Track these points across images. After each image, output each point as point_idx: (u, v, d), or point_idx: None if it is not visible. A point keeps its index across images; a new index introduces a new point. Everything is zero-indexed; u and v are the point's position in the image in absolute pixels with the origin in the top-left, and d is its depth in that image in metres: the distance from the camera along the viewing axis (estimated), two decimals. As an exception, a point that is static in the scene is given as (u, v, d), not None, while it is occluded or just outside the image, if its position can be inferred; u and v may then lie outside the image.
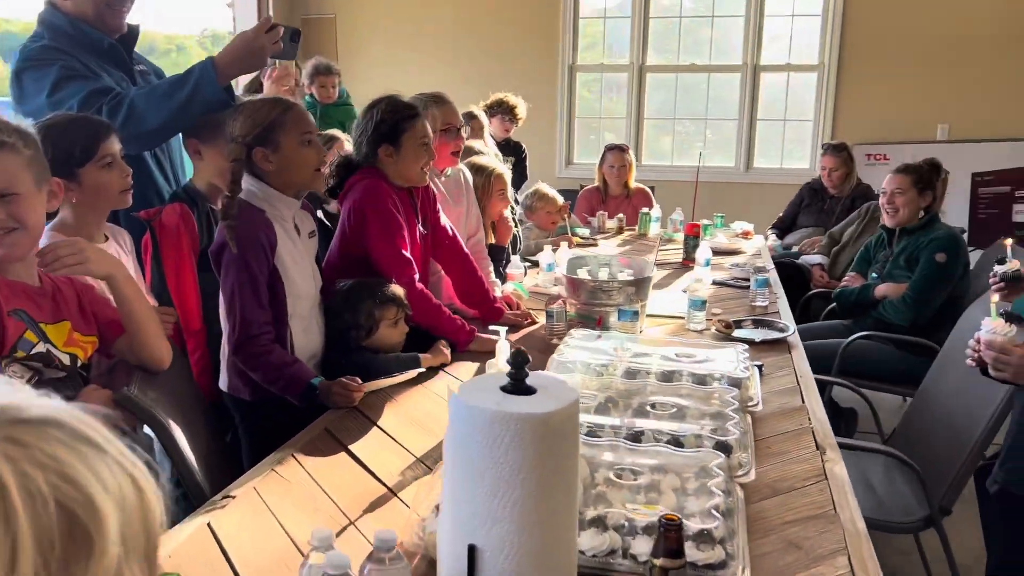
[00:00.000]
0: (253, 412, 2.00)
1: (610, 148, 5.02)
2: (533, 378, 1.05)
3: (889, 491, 2.24)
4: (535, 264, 3.40)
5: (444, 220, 2.55)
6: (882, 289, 3.21)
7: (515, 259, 3.14)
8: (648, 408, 1.66)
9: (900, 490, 2.23)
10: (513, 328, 2.55)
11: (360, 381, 1.90)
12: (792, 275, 3.98)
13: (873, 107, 6.12)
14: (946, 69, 5.93)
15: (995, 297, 1.72)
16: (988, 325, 1.70)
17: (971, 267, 3.35)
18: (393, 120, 2.30)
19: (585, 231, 4.32)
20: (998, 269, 2.28)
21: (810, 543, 1.31)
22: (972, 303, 2.48)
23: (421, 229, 2.42)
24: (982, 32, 5.84)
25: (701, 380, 1.83)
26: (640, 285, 2.44)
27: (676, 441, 1.50)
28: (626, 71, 6.72)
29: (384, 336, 2.15)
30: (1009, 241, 2.41)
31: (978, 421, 2.04)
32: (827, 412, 1.90)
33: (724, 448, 1.48)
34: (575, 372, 1.86)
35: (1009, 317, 1.69)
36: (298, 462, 1.61)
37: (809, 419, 1.82)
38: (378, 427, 1.79)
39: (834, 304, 3.47)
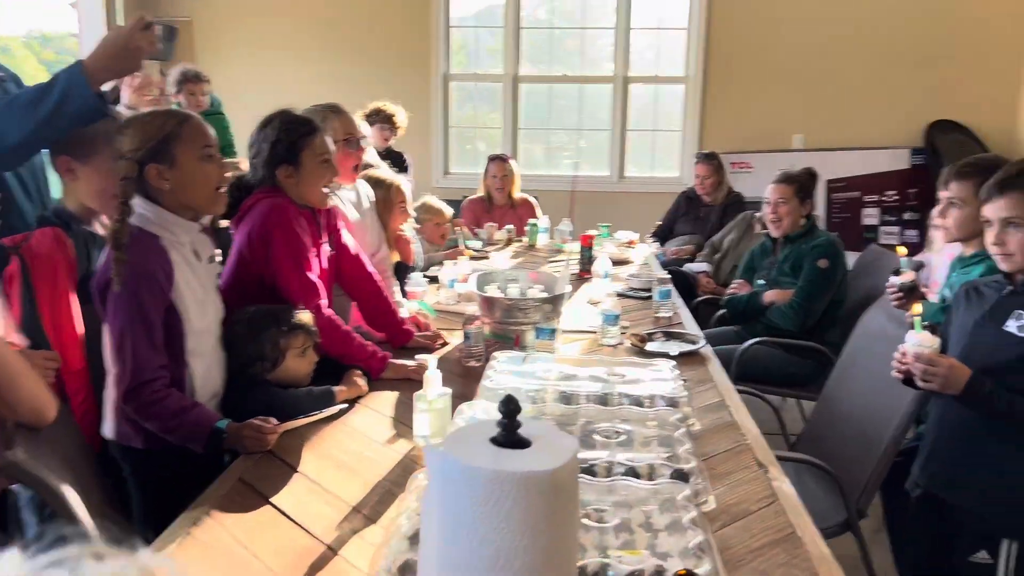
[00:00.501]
0: (146, 462, 1.78)
1: (492, 159, 4.96)
2: (524, 426, 0.94)
3: (802, 497, 2.27)
4: (433, 280, 3.27)
5: (347, 238, 2.39)
6: (770, 295, 3.30)
7: (415, 276, 3.00)
8: (594, 437, 1.59)
9: (813, 495, 2.26)
10: (424, 350, 2.42)
11: (275, 421, 1.72)
12: (678, 282, 4.05)
13: (737, 118, 6.38)
14: (802, 82, 6.26)
15: (917, 309, 1.76)
16: (914, 338, 1.73)
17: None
18: (289, 139, 2.12)
19: (477, 243, 4.23)
20: (895, 280, 2.38)
21: (782, 572, 1.27)
22: (870, 309, 2.56)
23: (327, 249, 2.25)
24: (834, 49, 6.21)
25: (638, 401, 1.78)
26: (556, 302, 2.37)
27: (632, 472, 1.43)
28: (500, 81, 6.69)
29: (291, 367, 1.97)
30: (903, 250, 2.51)
31: (887, 425, 2.09)
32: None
33: (682, 476, 1.42)
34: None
35: (933, 330, 1.73)
36: (216, 521, 1.42)
37: (744, 435, 1.81)
38: (300, 473, 1.62)
39: (723, 311, 3.54)
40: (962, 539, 1.79)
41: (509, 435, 0.93)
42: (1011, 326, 1.71)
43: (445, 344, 2.49)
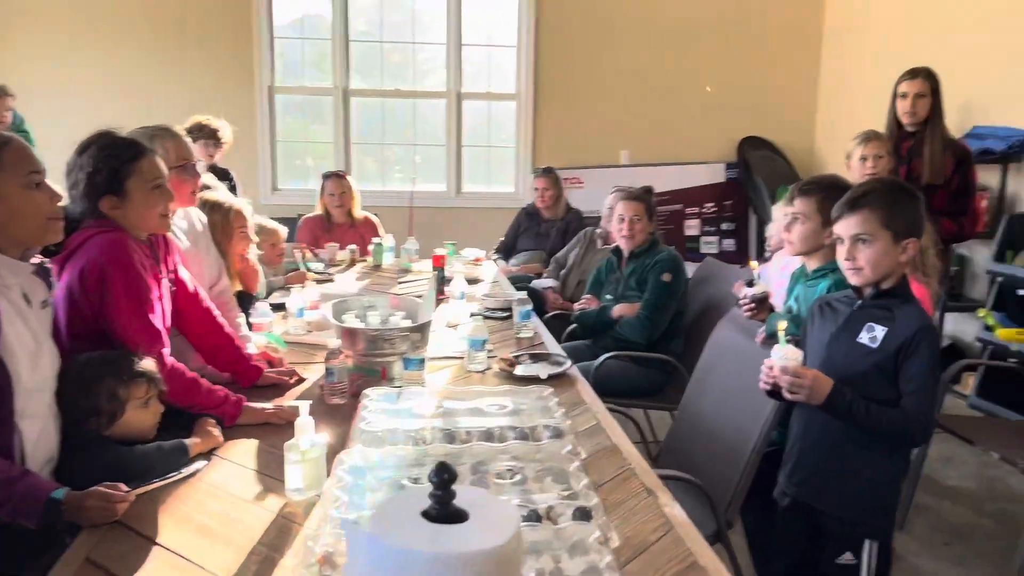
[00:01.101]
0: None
1: (328, 176, 4.76)
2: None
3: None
4: (278, 308, 3.06)
5: (182, 272, 2.17)
6: (618, 310, 3.37)
7: (260, 306, 2.78)
8: (488, 479, 1.51)
9: (682, 506, 2.31)
10: (277, 388, 2.24)
11: (126, 488, 1.50)
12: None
13: (567, 134, 6.54)
14: (627, 101, 6.52)
15: (783, 325, 1.82)
16: (780, 353, 1.79)
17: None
18: (110, 166, 1.86)
19: (318, 265, 4.03)
20: (748, 292, 2.47)
21: (696, 607, 1.25)
22: (720, 323, 2.65)
23: (169, 285, 2.02)
24: (656, 70, 6.51)
25: (523, 434, 1.72)
26: (423, 330, 2.27)
27: (535, 515, 1.36)
28: (330, 94, 6.47)
29: (134, 421, 1.74)
30: (755, 264, 2.62)
31: (749, 436, 2.16)
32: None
33: (585, 515, 1.37)
34: (392, 442, 1.65)
35: (796, 344, 1.80)
36: (63, 616, 1.21)
37: (627, 459, 1.79)
38: (159, 545, 1.42)
39: (574, 326, 3.58)
40: (828, 543, 1.87)
41: (444, 508, 0.83)
42: (863, 338, 1.82)
43: (301, 380, 2.32)
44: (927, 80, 3.66)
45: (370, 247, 4.39)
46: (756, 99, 6.61)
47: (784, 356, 1.78)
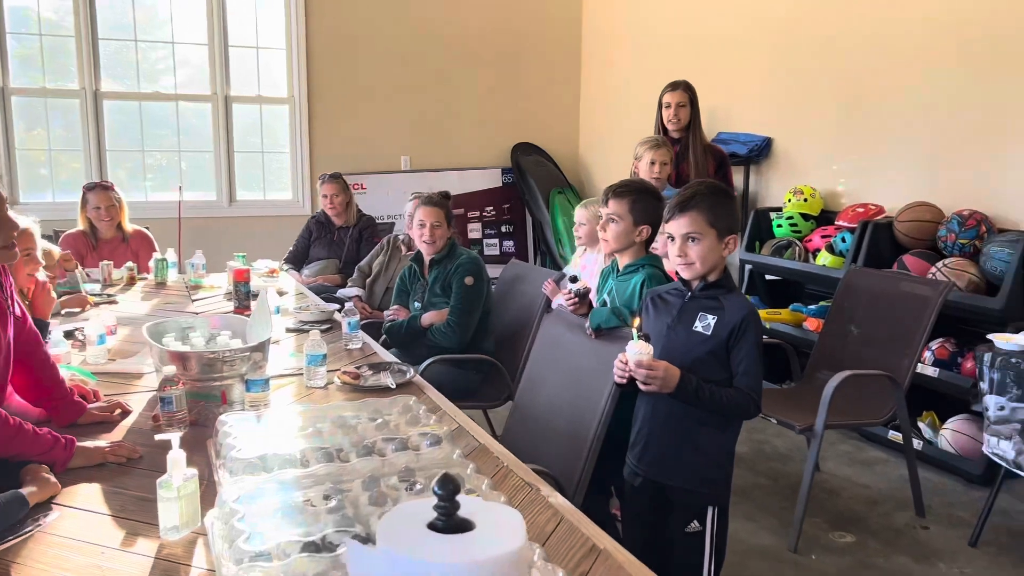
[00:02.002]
0: None
1: (90, 187, 4.33)
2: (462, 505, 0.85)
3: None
4: (67, 335, 2.74)
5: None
6: (427, 318, 3.39)
7: (54, 335, 2.48)
8: (386, 493, 1.49)
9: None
10: (105, 424, 2.03)
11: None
12: (329, 309, 3.98)
13: (346, 139, 6.45)
14: (406, 107, 6.56)
15: (636, 321, 1.96)
16: (634, 348, 1.93)
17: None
18: None
19: (94, 286, 3.64)
20: (572, 287, 2.62)
21: (612, 587, 1.34)
22: (545, 320, 2.77)
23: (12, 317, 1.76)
24: (433, 77, 6.61)
25: (403, 445, 1.71)
26: (264, 348, 2.16)
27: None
28: (76, 97, 5.85)
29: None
30: (583, 262, 2.78)
31: (588, 423, 2.31)
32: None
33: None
34: (270, 468, 1.57)
35: (646, 338, 1.95)
36: None
37: (499, 457, 1.85)
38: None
39: (384, 336, 3.56)
40: (677, 514, 2.05)
41: (450, 519, 0.84)
42: (698, 326, 2.01)
43: (127, 412, 2.12)
44: (686, 91, 4.09)
45: (151, 263, 4.05)
46: (525, 108, 6.95)
47: (638, 351, 1.91)
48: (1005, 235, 3.60)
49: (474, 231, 6.78)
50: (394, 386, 2.28)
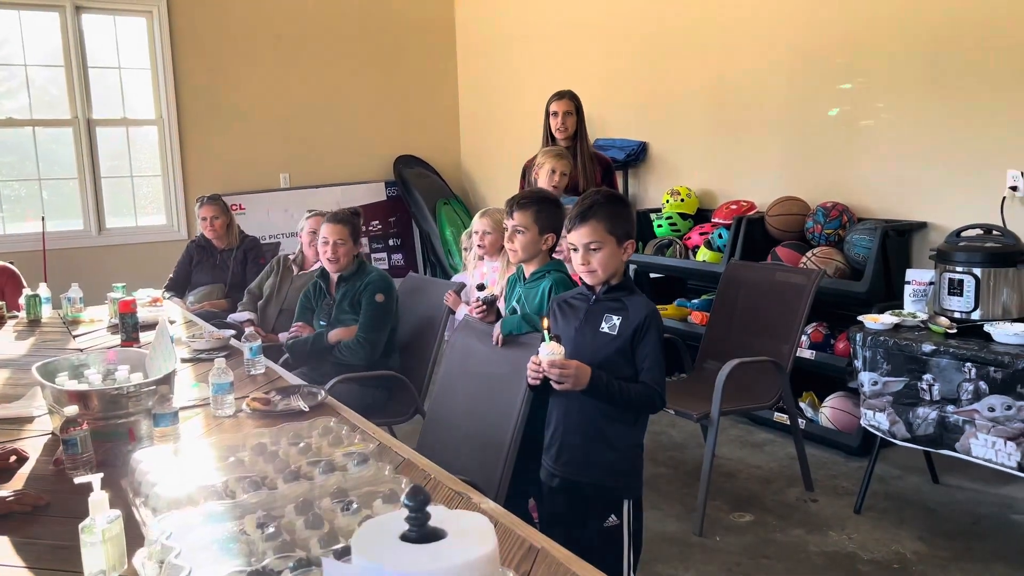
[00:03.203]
0: None
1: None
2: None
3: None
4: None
5: None
6: (335, 334, 3.37)
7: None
8: (321, 516, 1.49)
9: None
10: (2, 473, 1.92)
11: None
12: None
13: (220, 159, 6.27)
14: (280, 123, 6.43)
15: (546, 323, 2.02)
16: (546, 350, 1.99)
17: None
18: None
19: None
20: (479, 295, 2.67)
21: (554, 584, 1.40)
22: (455, 332, 2.82)
23: None
24: (304, 89, 6.51)
25: (331, 467, 1.71)
26: (171, 380, 2.10)
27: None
28: (-84, 125, 5.42)
29: None
30: (484, 271, 2.83)
31: (505, 428, 2.37)
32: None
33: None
34: (196, 501, 1.54)
35: (557, 339, 2.02)
36: None
37: (425, 470, 1.87)
38: None
39: (286, 356, 3.50)
40: (594, 511, 2.14)
41: (422, 528, 0.87)
42: (604, 327, 2.10)
43: (24, 458, 2.01)
44: (572, 100, 4.23)
45: (21, 300, 3.81)
46: (404, 120, 6.96)
47: (550, 352, 1.98)
48: (864, 223, 3.93)
49: (361, 246, 6.73)
50: (307, 408, 2.26)
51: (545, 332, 1.99)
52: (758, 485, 3.59)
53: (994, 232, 3.08)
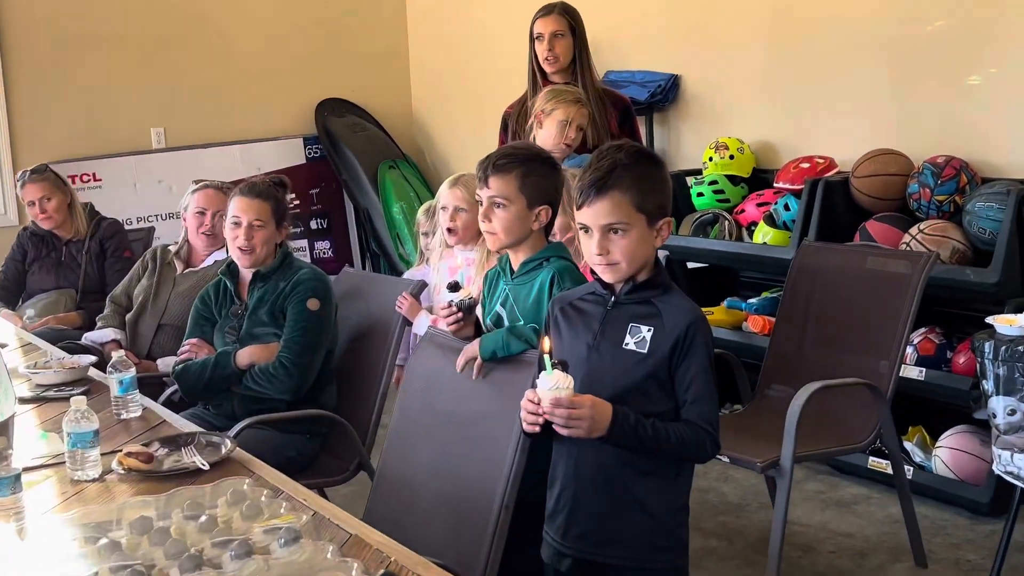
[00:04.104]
0: None
1: None
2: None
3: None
4: None
5: None
6: (246, 355, 3.34)
7: None
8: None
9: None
10: None
11: None
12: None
13: (67, 112, 6.24)
14: (150, 63, 6.42)
15: (546, 345, 2.01)
16: (548, 382, 1.96)
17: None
18: None
19: None
20: (452, 298, 2.67)
21: None
22: (416, 351, 2.84)
23: None
24: (179, 17, 6.50)
25: (247, 550, 1.72)
26: (8, 430, 2.11)
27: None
28: None
29: None
30: (457, 263, 2.85)
31: (492, 487, 2.38)
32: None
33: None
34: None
35: (563, 366, 2.02)
36: None
37: (380, 549, 1.89)
38: None
39: (172, 389, 3.49)
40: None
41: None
42: (630, 343, 2.11)
43: None
44: (563, 16, 4.24)
45: None
46: (332, 50, 6.95)
47: (554, 385, 1.96)
48: (991, 185, 3.97)
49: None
50: (207, 466, 2.28)
51: (545, 357, 1.99)
52: (849, 561, 3.63)
53: None
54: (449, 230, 3.41)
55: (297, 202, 6.82)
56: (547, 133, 3.75)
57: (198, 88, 6.59)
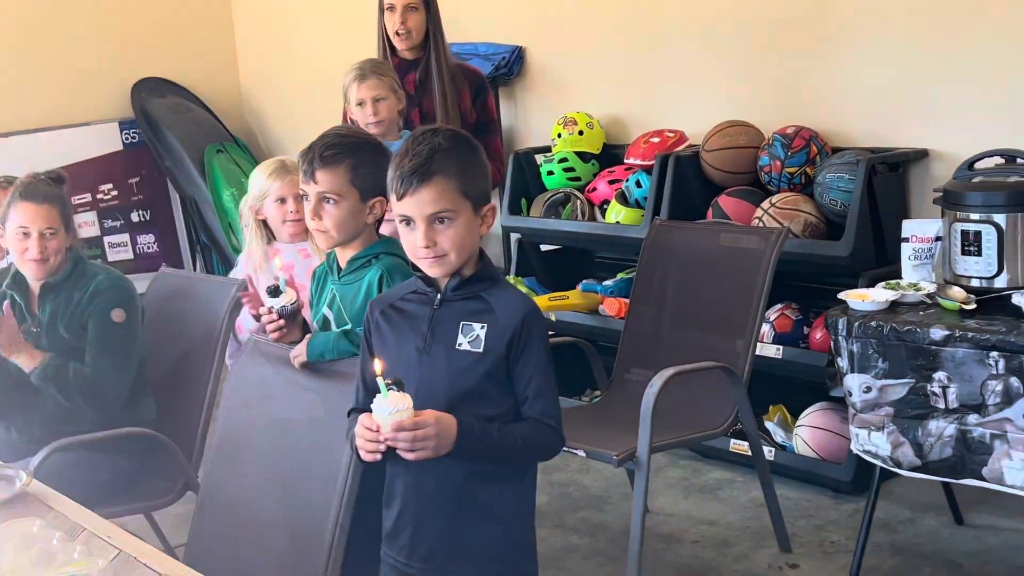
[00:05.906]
0: None
1: None
2: None
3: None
4: None
5: None
6: (30, 357, 3.22)
7: None
8: None
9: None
10: None
11: None
12: None
13: None
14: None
15: (379, 366, 1.93)
16: (387, 406, 1.91)
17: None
18: None
19: None
20: (273, 303, 2.59)
21: None
22: (238, 362, 2.76)
23: None
24: None
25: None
26: None
27: None
28: None
29: None
30: (278, 263, 2.77)
31: (325, 508, 2.34)
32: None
33: None
34: None
35: (399, 385, 1.96)
36: None
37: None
38: None
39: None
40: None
41: None
42: (463, 343, 2.08)
43: None
44: None
45: None
46: (148, 24, 6.75)
47: (393, 409, 1.91)
48: (841, 155, 4.07)
49: (87, 227, 6.49)
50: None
51: (379, 380, 1.93)
52: (713, 550, 3.69)
53: (1019, 161, 3.25)
54: (292, 222, 3.38)
55: (116, 193, 6.66)
56: (355, 115, 3.73)
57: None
